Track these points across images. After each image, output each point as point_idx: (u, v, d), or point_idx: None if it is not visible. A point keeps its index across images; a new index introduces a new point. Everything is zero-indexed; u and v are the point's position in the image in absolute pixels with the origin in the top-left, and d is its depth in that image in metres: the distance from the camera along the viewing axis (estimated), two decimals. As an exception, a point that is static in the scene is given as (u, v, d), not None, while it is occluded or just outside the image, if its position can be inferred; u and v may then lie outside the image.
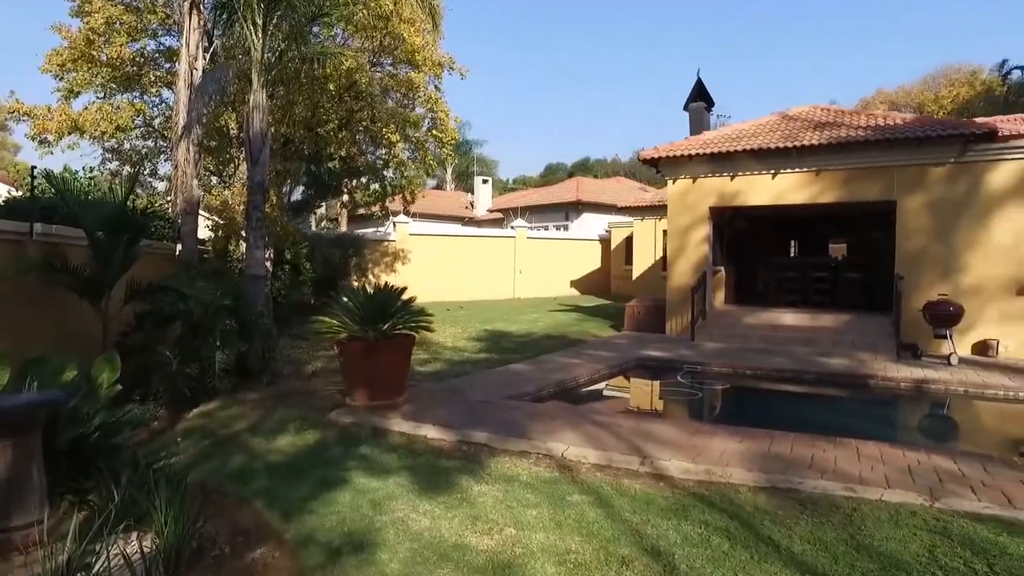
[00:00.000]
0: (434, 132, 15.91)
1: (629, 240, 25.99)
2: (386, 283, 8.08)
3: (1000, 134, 10.86)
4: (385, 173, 17.66)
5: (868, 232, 17.30)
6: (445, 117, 15.68)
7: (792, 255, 18.30)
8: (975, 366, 9.89)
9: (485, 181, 42.69)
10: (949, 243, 11.31)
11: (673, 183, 13.71)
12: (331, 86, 12.77)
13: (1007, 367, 9.81)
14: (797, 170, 12.37)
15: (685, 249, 13.65)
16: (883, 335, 11.37)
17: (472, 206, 42.27)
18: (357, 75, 13.33)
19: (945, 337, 10.32)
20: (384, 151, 16.51)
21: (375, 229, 23.93)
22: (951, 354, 10.11)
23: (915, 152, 11.34)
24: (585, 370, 9.39)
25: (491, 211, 39.56)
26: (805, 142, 11.85)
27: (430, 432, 5.96)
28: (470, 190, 46.39)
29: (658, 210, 23.14)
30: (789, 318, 12.72)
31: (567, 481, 4.76)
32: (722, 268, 15.08)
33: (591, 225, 31.31)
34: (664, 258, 23.69)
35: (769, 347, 11.61)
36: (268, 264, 11.24)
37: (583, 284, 27.84)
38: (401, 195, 17.75)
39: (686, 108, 15.80)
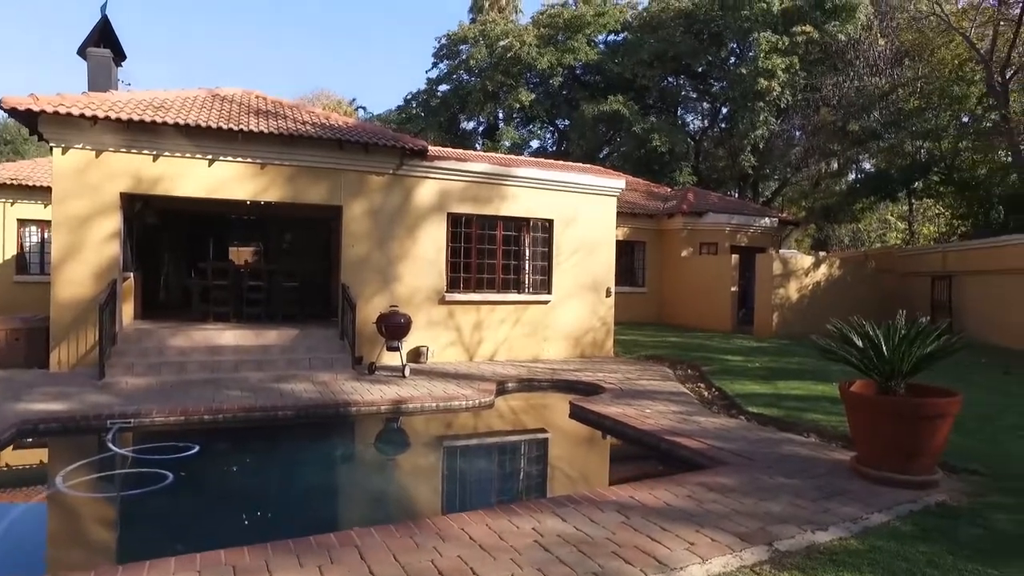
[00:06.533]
0: None
1: (-42, 231, 18.37)
2: None
3: (429, 153, 11.58)
4: None
5: (304, 236, 16.65)
6: None
7: (216, 259, 15.79)
8: (421, 375, 10.11)
9: None
10: (387, 253, 11.44)
11: (63, 153, 9.70)
12: None
13: (444, 373, 10.39)
14: (240, 159, 10.41)
15: (83, 248, 9.83)
16: (334, 349, 10.60)
17: None
18: None
19: (397, 349, 10.25)
20: None
21: None
22: (405, 366, 10.08)
23: (362, 158, 11.03)
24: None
25: None
26: (253, 127, 10.03)
27: None
28: None
29: (9, 191, 16.95)
30: (229, 336, 10.59)
31: None
32: (131, 274, 11.68)
33: None
34: (22, 256, 17.73)
35: (215, 376, 9.30)
36: None
37: None
38: None
39: (82, 53, 11.56)
